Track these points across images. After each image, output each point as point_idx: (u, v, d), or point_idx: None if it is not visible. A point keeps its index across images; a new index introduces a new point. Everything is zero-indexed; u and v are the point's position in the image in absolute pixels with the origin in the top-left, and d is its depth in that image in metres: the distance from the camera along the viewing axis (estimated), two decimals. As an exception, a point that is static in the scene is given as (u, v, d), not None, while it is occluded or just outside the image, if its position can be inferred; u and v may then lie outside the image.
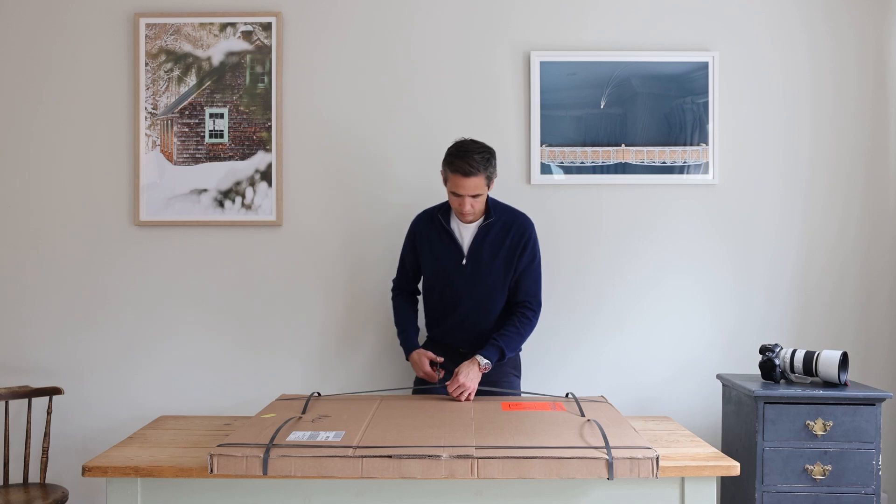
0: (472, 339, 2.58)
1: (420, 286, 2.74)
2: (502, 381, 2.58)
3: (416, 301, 2.75)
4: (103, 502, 2.98)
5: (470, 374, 2.37)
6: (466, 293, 2.55)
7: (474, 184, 2.40)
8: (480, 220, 2.55)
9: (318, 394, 2.44)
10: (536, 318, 2.57)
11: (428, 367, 2.52)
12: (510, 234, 2.54)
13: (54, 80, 3.02)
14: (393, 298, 2.74)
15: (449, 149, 2.47)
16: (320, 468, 1.73)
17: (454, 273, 2.55)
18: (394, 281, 2.76)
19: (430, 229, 2.60)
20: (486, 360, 2.42)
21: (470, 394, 2.36)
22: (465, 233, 2.56)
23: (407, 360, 2.60)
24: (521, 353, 2.73)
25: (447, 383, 2.40)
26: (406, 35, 3.03)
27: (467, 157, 2.39)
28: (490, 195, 2.60)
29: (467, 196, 2.41)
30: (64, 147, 3.02)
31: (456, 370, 2.41)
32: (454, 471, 1.72)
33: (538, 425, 1.99)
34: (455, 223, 2.57)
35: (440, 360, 2.53)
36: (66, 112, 3.02)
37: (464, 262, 2.54)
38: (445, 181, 2.48)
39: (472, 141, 2.48)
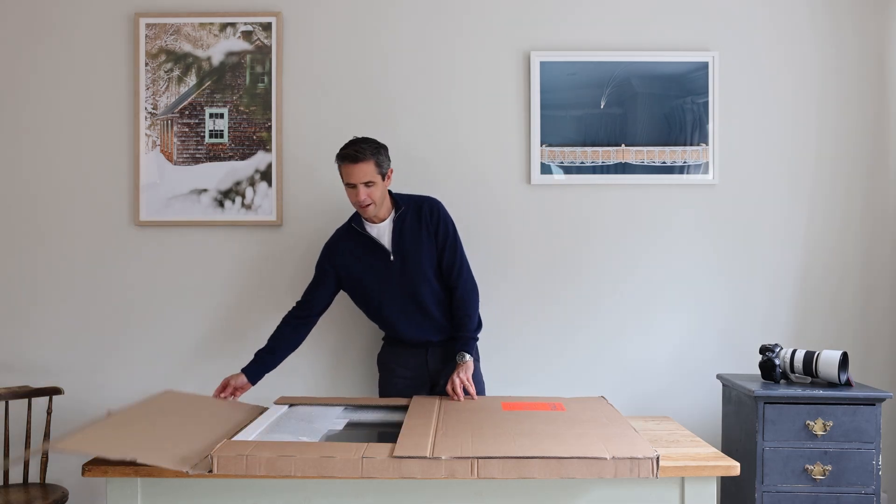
0: (429, 331, 2.59)
1: (364, 313, 2.70)
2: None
3: (306, 326, 2.63)
4: (103, 502, 2.98)
5: (461, 374, 2.40)
6: (404, 290, 2.54)
7: (363, 170, 2.40)
8: (392, 213, 2.55)
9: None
10: (476, 290, 2.59)
11: (222, 391, 2.46)
12: (422, 216, 2.55)
13: (54, 80, 3.02)
14: (283, 319, 2.62)
15: (341, 147, 2.49)
16: (320, 468, 1.73)
17: (385, 272, 2.53)
18: (297, 302, 2.65)
19: (347, 241, 2.59)
20: (468, 356, 2.46)
21: (470, 389, 2.38)
22: (383, 232, 2.55)
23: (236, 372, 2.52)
24: (478, 343, 2.72)
25: (448, 388, 2.39)
26: (406, 35, 3.03)
27: (354, 145, 2.44)
28: (401, 190, 2.64)
29: (360, 185, 2.41)
30: (64, 147, 3.02)
31: (450, 382, 2.40)
32: (454, 471, 1.72)
33: (538, 426, 1.99)
34: (370, 227, 2.55)
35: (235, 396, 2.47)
36: (66, 112, 3.02)
37: (391, 258, 2.53)
38: (343, 179, 2.47)
39: (363, 136, 2.52)
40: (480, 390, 2.58)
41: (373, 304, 2.60)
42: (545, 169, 3.01)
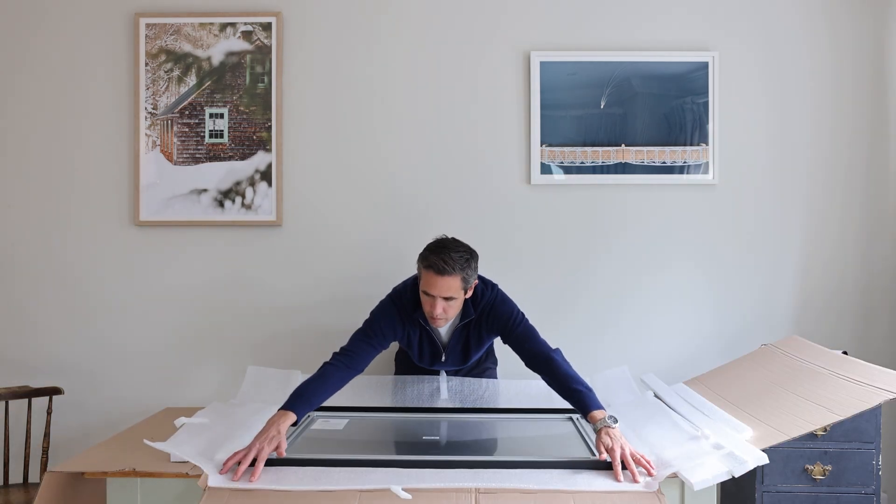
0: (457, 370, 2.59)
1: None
2: (484, 375, 2.61)
3: (349, 380, 2.21)
4: (103, 502, 2.98)
5: (618, 439, 1.91)
6: (448, 371, 2.53)
7: (447, 285, 2.14)
8: (456, 320, 2.33)
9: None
10: (560, 351, 2.33)
11: (264, 451, 1.85)
12: (483, 326, 2.34)
13: (54, 79, 3.02)
14: (325, 365, 2.19)
15: (428, 244, 2.25)
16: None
17: (433, 363, 2.46)
18: (342, 349, 2.26)
19: (408, 320, 2.35)
20: (605, 411, 2.02)
21: (631, 452, 1.88)
22: (442, 330, 2.39)
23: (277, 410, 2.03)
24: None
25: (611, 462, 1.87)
26: (406, 35, 3.03)
27: (443, 253, 2.14)
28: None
29: (439, 298, 2.16)
30: (64, 147, 3.02)
31: (605, 449, 1.89)
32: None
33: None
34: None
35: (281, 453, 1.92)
36: (66, 112, 3.02)
37: (443, 358, 2.42)
38: (419, 277, 2.24)
39: (454, 239, 2.26)
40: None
41: (416, 359, 2.50)
42: (545, 169, 3.01)
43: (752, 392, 2.28)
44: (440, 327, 2.34)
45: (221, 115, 3.00)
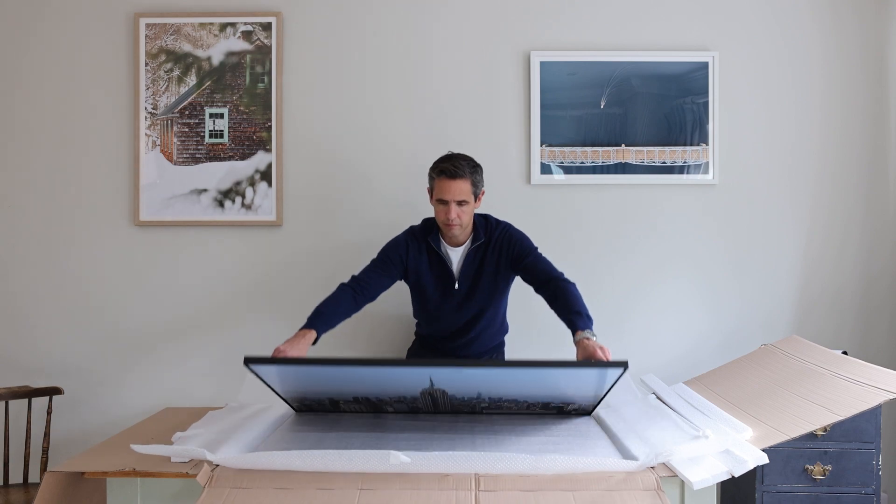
0: (468, 345, 2.58)
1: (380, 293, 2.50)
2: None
3: (360, 306, 2.41)
4: (103, 502, 2.98)
5: (598, 343, 2.13)
6: (465, 312, 2.51)
7: (459, 187, 2.34)
8: (468, 243, 2.47)
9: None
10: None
11: (291, 351, 2.12)
12: (500, 253, 2.45)
13: (54, 79, 3.02)
14: (340, 287, 2.39)
15: (435, 160, 2.45)
16: (319, 482, 1.74)
17: (449, 294, 2.48)
18: (353, 276, 2.44)
19: (417, 251, 2.48)
20: (593, 335, 2.18)
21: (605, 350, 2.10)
22: (454, 257, 2.48)
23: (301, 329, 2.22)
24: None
25: (589, 351, 2.10)
26: (406, 35, 3.03)
27: (453, 161, 2.38)
28: (477, 212, 2.50)
29: (453, 202, 2.34)
30: (64, 147, 3.02)
31: (589, 351, 2.12)
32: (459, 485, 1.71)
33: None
34: (444, 247, 2.48)
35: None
36: (67, 112, 3.02)
37: (456, 286, 2.47)
38: (431, 192, 2.43)
39: (460, 153, 2.45)
40: None
41: (429, 308, 2.55)
42: (545, 169, 3.01)
43: (752, 392, 2.28)
44: (456, 236, 2.41)
45: (221, 115, 3.00)
